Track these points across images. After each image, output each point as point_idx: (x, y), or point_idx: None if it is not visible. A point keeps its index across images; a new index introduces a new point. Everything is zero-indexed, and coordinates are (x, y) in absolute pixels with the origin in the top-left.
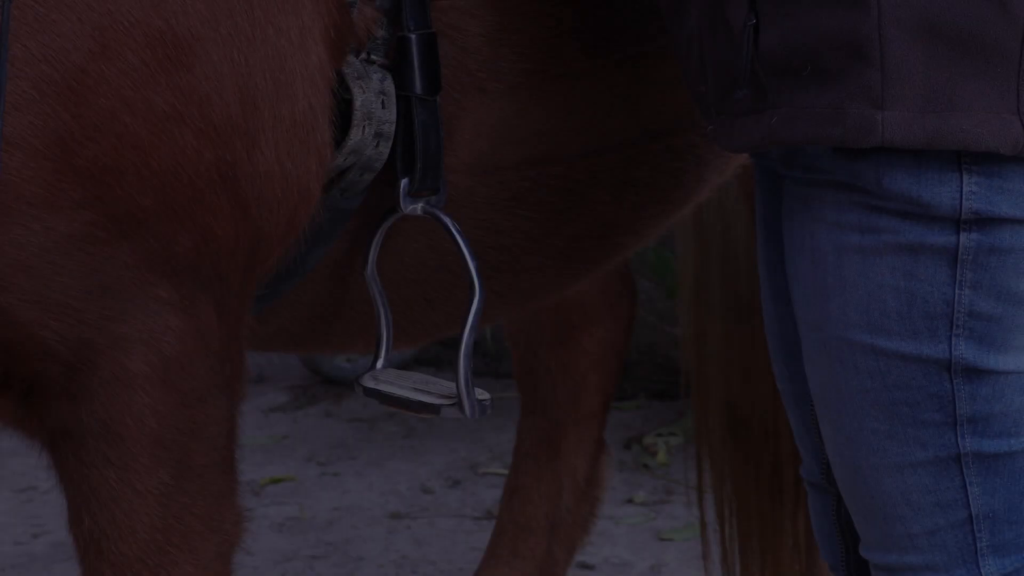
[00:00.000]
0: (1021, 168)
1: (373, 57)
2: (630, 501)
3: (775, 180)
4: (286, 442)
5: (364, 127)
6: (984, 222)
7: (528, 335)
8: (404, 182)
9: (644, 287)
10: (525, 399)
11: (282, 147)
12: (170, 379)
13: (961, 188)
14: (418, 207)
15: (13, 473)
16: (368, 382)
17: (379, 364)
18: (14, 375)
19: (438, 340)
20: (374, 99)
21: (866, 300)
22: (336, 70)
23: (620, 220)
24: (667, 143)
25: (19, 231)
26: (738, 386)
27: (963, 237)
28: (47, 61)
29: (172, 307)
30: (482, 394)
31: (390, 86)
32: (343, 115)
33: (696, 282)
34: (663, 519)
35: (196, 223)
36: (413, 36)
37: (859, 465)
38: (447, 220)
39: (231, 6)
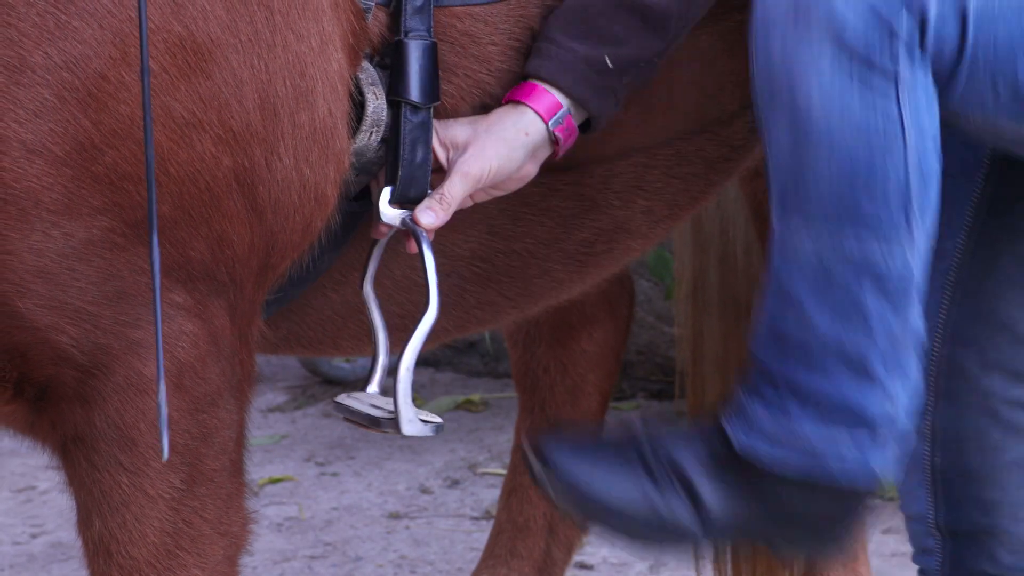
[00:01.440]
0: None
1: (386, 61)
2: None
3: (994, 166)
4: (285, 442)
5: (372, 132)
6: None
7: (527, 335)
8: (387, 190)
9: (643, 287)
10: (523, 399)
11: (301, 154)
12: (184, 384)
13: None
14: (396, 216)
15: (12, 473)
16: (342, 398)
17: (371, 388)
18: (28, 379)
19: (443, 343)
20: (384, 105)
21: None
22: (353, 75)
23: (630, 224)
24: (677, 148)
25: (38, 237)
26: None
27: None
28: (68, 68)
29: (187, 312)
30: (431, 417)
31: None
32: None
33: (694, 282)
34: None
35: (212, 229)
36: (408, 41)
37: None
38: (420, 233)
39: (251, 12)
